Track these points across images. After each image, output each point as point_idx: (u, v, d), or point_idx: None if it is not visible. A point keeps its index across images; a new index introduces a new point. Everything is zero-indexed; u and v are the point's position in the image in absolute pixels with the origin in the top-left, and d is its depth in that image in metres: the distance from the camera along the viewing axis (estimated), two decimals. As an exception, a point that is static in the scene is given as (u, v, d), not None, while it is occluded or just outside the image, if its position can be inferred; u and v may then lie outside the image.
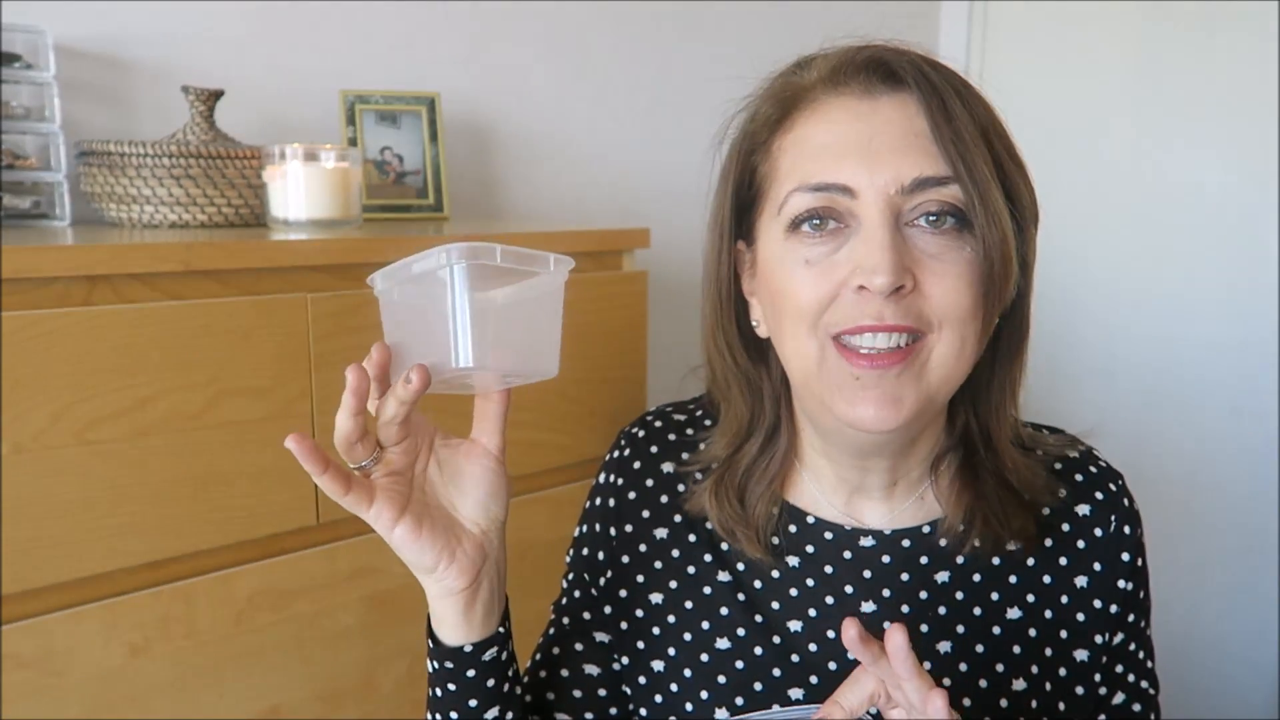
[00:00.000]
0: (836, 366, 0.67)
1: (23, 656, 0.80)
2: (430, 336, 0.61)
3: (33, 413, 0.79)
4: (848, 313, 0.66)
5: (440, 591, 0.69)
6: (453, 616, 0.69)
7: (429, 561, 0.67)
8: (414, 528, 0.66)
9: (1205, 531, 1.99)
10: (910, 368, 0.66)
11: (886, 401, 0.66)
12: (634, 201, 1.69)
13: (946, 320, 0.66)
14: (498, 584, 0.70)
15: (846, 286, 0.66)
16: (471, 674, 0.71)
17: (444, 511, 0.68)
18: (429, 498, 0.68)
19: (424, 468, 0.69)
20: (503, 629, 0.72)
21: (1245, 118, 1.83)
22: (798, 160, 0.69)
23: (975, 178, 0.65)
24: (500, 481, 0.69)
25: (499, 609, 0.71)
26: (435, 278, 0.60)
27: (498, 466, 0.68)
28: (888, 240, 0.64)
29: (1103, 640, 0.78)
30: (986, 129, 0.68)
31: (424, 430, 0.69)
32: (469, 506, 0.69)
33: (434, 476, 0.69)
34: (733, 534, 0.78)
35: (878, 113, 0.67)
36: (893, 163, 0.65)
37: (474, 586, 0.68)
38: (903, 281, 0.64)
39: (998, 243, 0.66)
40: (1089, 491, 0.80)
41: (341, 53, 1.35)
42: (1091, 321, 2.06)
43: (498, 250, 0.60)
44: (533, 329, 0.64)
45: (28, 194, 1.08)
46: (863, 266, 0.65)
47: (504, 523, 0.70)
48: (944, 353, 0.67)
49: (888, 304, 0.64)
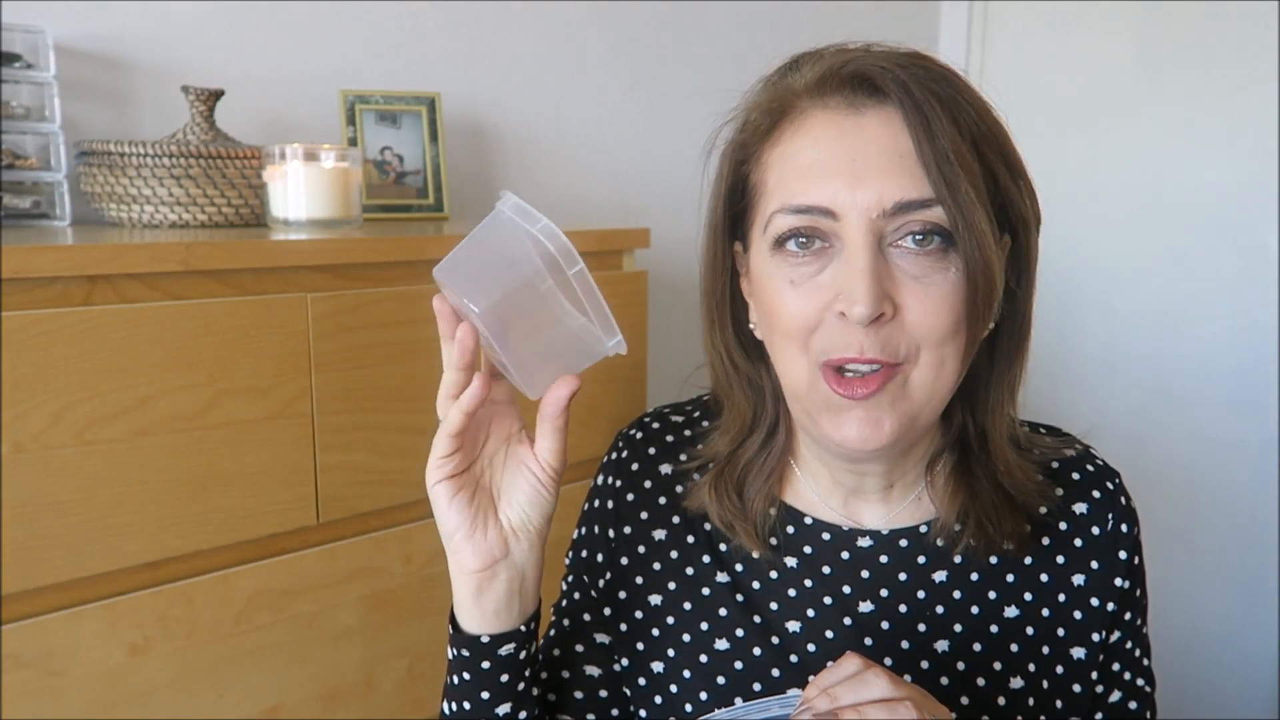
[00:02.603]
0: (824, 390, 0.68)
1: (23, 656, 0.80)
2: (483, 267, 0.65)
3: (33, 413, 0.79)
4: (834, 341, 0.67)
5: (454, 566, 0.70)
6: (463, 598, 0.71)
7: (448, 526, 0.69)
8: (451, 490, 0.68)
9: (1204, 530, 1.99)
10: (888, 392, 0.67)
11: (869, 423, 0.67)
12: (634, 201, 1.69)
13: (924, 344, 0.67)
14: (519, 586, 0.71)
15: (830, 310, 0.67)
16: (487, 666, 0.72)
17: (486, 494, 0.71)
18: (484, 477, 0.71)
19: (493, 452, 0.71)
20: (525, 629, 0.73)
21: (1245, 118, 1.83)
22: (782, 178, 0.69)
23: (958, 200, 0.65)
24: (541, 493, 0.70)
25: (520, 609, 0.72)
26: (530, 235, 0.62)
27: (544, 476, 0.69)
28: (868, 267, 0.65)
29: (1100, 638, 0.78)
30: (977, 139, 0.67)
31: (506, 420, 0.71)
32: (509, 503, 0.70)
33: (498, 464, 0.71)
34: (731, 528, 0.78)
35: (862, 130, 0.67)
36: (875, 185, 0.65)
37: (486, 573, 0.69)
38: (882, 310, 0.65)
39: (982, 266, 0.66)
40: (1086, 490, 0.80)
41: (341, 53, 1.35)
42: (1091, 321, 2.06)
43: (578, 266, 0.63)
44: (552, 352, 0.67)
45: (28, 194, 1.08)
46: (844, 294, 0.65)
47: (539, 532, 0.71)
48: (923, 376, 0.68)
49: (868, 334, 0.65)
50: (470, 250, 0.66)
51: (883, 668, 0.61)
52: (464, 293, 0.63)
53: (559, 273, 0.62)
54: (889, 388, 0.67)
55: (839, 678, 0.61)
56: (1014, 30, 2.10)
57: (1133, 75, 1.96)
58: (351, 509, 0.98)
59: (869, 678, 0.60)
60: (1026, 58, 2.09)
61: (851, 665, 0.61)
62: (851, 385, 0.67)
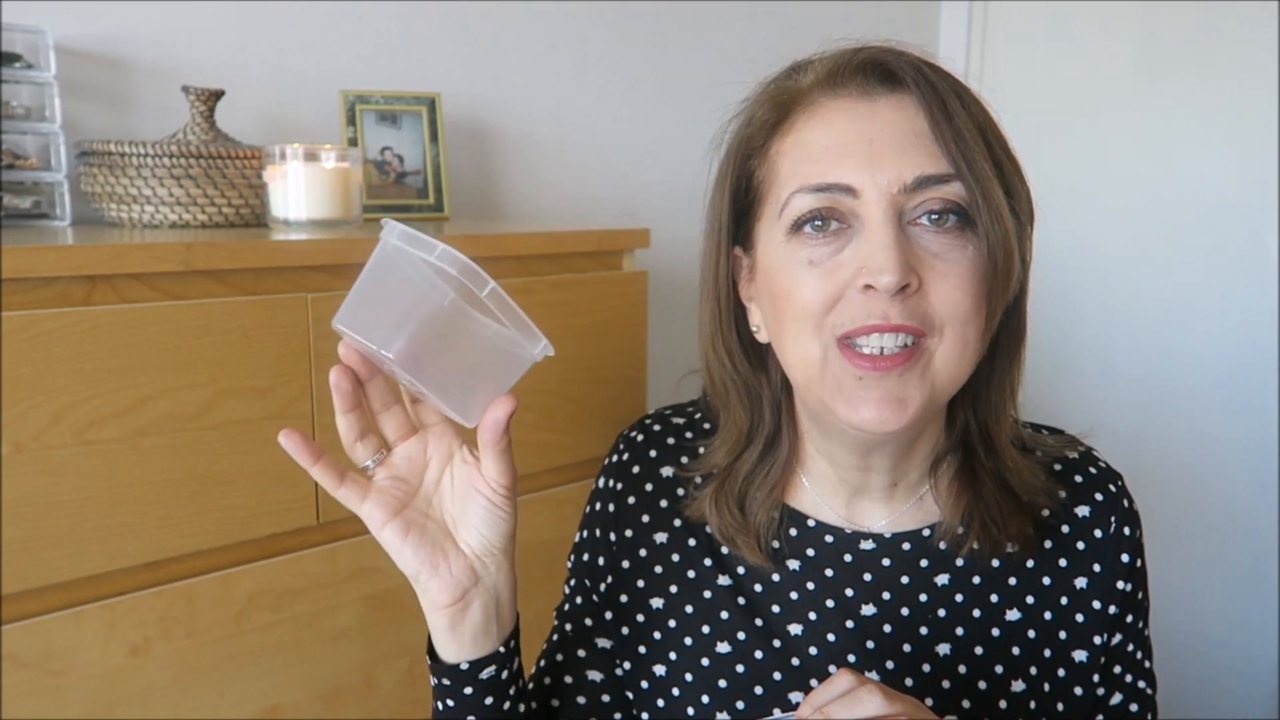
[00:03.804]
0: (839, 368, 0.67)
1: (23, 656, 0.80)
2: (386, 309, 0.61)
3: (33, 413, 0.79)
4: (853, 313, 0.66)
5: (426, 603, 0.69)
6: (440, 631, 0.69)
7: (410, 569, 0.67)
8: (401, 533, 0.66)
9: (1204, 529, 1.99)
10: (914, 368, 0.66)
11: (890, 402, 0.66)
12: (634, 201, 1.69)
13: (949, 321, 0.66)
14: (494, 608, 0.69)
15: (851, 287, 0.66)
16: (469, 691, 0.71)
17: (439, 525, 0.68)
18: (432, 509, 0.68)
19: (436, 478, 0.68)
20: (504, 649, 0.71)
21: (1245, 118, 1.83)
22: (798, 162, 0.69)
23: (977, 175, 0.65)
24: (496, 514, 0.67)
25: (496, 631, 0.70)
26: (430, 265, 0.60)
27: (495, 498, 0.67)
28: (892, 239, 0.64)
29: (1101, 641, 0.78)
30: (985, 129, 0.68)
31: (444, 440, 0.68)
32: (465, 528, 0.68)
33: (445, 489, 0.69)
34: (733, 541, 0.78)
35: (877, 114, 0.67)
36: (894, 162, 0.65)
37: (459, 605, 0.68)
38: (908, 280, 0.64)
39: (1000, 240, 0.66)
40: (1089, 493, 0.80)
41: (341, 53, 1.35)
42: (1091, 321, 2.06)
43: (489, 286, 0.60)
44: (479, 375, 0.63)
45: (28, 194, 1.08)
46: (868, 266, 0.64)
47: (504, 551, 0.68)
48: (947, 354, 0.67)
49: (893, 304, 0.64)
50: (367, 291, 0.62)
51: (876, 683, 0.60)
52: (372, 338, 0.60)
53: (469, 295, 0.59)
54: (914, 365, 0.66)
55: (832, 695, 0.60)
56: (1014, 31, 2.10)
57: (1132, 75, 1.96)
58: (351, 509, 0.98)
59: (862, 694, 0.59)
60: (1026, 58, 2.09)
61: (844, 682, 0.60)
62: (873, 359, 0.66)
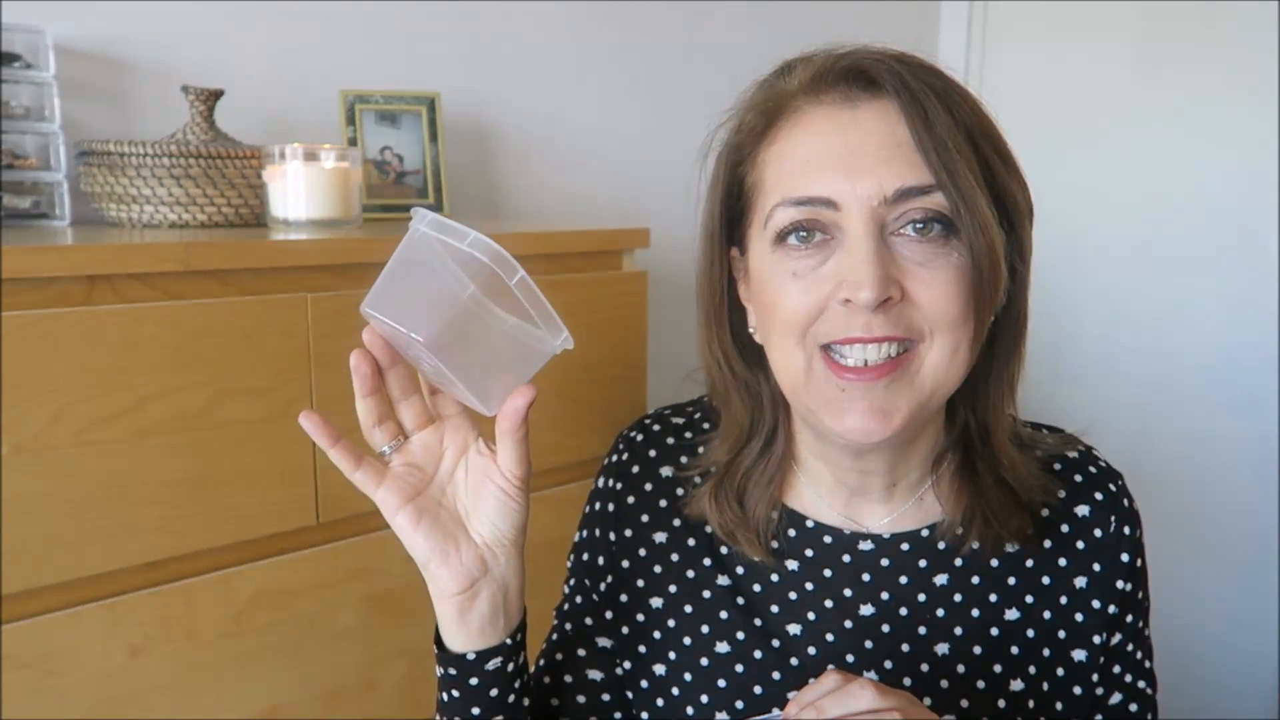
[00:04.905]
0: (823, 378, 0.67)
1: (23, 656, 0.80)
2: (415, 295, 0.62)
3: (33, 413, 0.79)
4: (836, 325, 0.66)
5: (435, 591, 0.69)
6: (447, 620, 0.70)
7: (420, 556, 0.68)
8: (414, 519, 0.67)
9: (1204, 528, 1.99)
10: (900, 378, 0.67)
11: (874, 413, 0.66)
12: (634, 201, 1.69)
13: (938, 328, 0.66)
14: (502, 599, 0.70)
15: (833, 299, 0.66)
16: (475, 682, 0.71)
17: (452, 514, 0.69)
18: (445, 498, 0.69)
19: (452, 468, 0.69)
20: (511, 641, 0.72)
21: (1245, 117, 1.83)
22: (781, 174, 0.69)
23: (959, 185, 0.65)
24: (509, 504, 0.68)
25: (504, 623, 0.71)
26: (459, 253, 0.60)
27: (509, 488, 0.67)
28: (872, 254, 0.64)
29: (1101, 641, 0.78)
30: (972, 131, 0.67)
31: (460, 432, 0.69)
32: (478, 518, 0.69)
33: (460, 479, 0.69)
34: (734, 537, 0.78)
35: (859, 123, 0.67)
36: (875, 173, 0.65)
37: (468, 594, 0.68)
38: (889, 294, 0.64)
39: (985, 250, 0.66)
40: (1089, 492, 0.80)
41: (341, 53, 1.35)
42: (1091, 320, 2.06)
43: (518, 275, 0.61)
44: (501, 364, 0.64)
45: (28, 194, 1.08)
46: (848, 280, 0.65)
47: (514, 543, 0.69)
48: (936, 360, 0.67)
49: (875, 316, 0.65)
50: (397, 276, 0.62)
51: (868, 679, 0.60)
52: (402, 323, 0.60)
53: (499, 283, 0.60)
54: (903, 375, 0.66)
55: (820, 693, 0.60)
56: (1013, 31, 2.10)
57: (1132, 75, 1.96)
58: (351, 509, 0.98)
59: (855, 690, 0.59)
60: (1026, 58, 2.09)
61: (831, 681, 0.60)
62: (856, 370, 0.66)
